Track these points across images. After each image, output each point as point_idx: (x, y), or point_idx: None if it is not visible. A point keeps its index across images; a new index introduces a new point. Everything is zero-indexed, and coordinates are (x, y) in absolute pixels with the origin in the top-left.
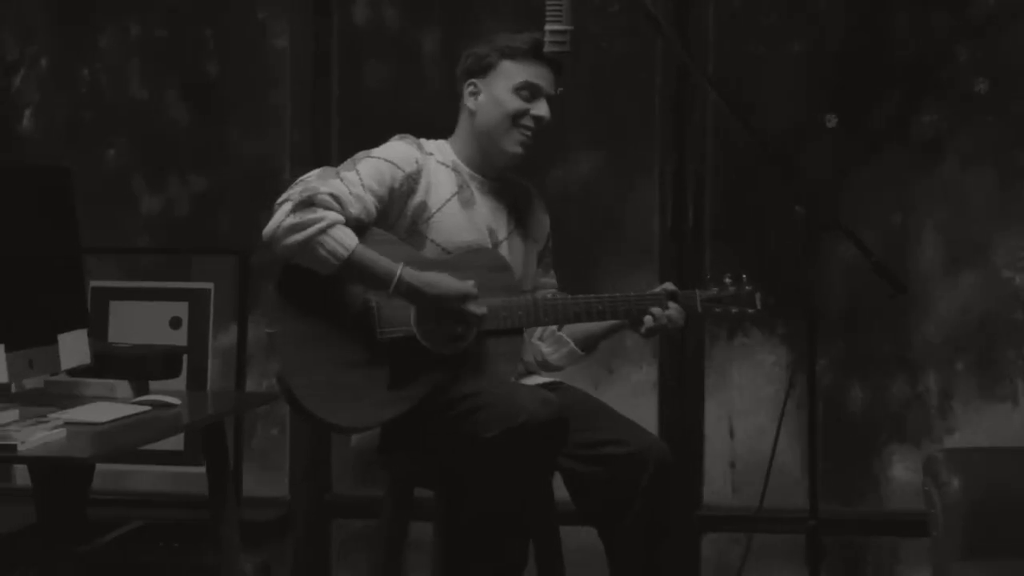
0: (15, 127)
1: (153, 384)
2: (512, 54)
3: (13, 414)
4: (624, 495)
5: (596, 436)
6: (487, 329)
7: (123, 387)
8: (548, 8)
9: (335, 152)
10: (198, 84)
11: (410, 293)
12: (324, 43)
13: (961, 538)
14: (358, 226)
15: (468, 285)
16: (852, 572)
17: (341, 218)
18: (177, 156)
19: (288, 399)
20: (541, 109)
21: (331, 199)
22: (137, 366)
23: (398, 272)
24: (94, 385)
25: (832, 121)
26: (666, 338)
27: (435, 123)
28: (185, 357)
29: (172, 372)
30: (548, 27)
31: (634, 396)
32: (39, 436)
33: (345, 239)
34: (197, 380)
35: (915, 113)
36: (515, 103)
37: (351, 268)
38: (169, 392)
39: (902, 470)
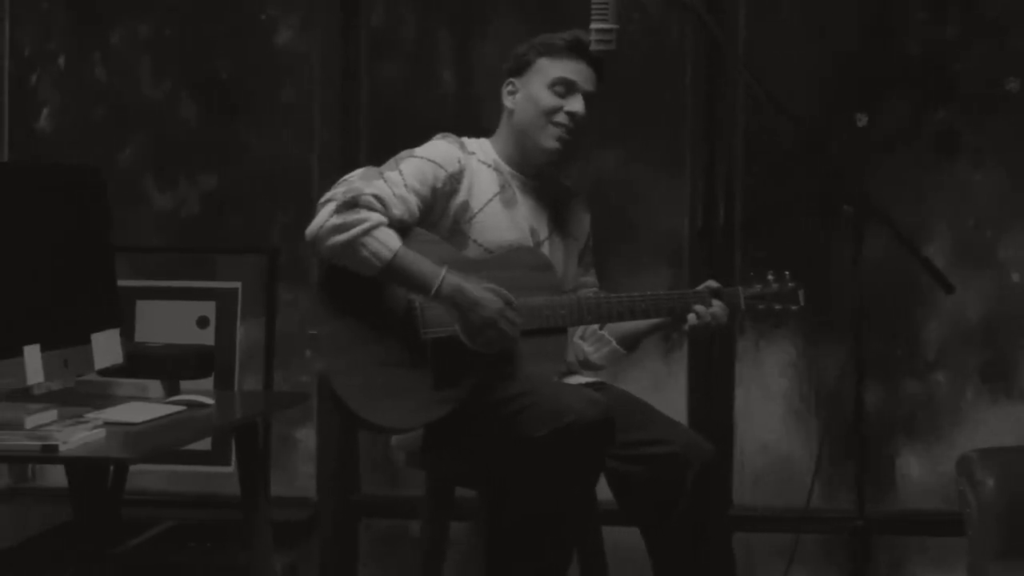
0: (32, 125)
1: (182, 384)
2: (549, 51)
3: (52, 414)
4: (669, 495)
5: (640, 436)
6: (531, 329)
7: (155, 387)
8: (594, 7)
9: (364, 151)
10: (214, 83)
11: (451, 299)
12: (353, 44)
13: (996, 538)
14: (401, 227)
15: (505, 306)
16: (863, 572)
17: (385, 219)
18: (192, 155)
19: (332, 400)
20: (575, 105)
21: (375, 200)
22: (169, 365)
23: (441, 276)
24: (126, 385)
25: (862, 120)
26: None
27: (442, 123)
28: None
29: (204, 372)
30: (593, 25)
31: (659, 393)
32: (79, 436)
33: (389, 241)
34: (225, 379)
35: (928, 112)
36: (549, 99)
37: (393, 271)
38: (197, 392)
39: (914, 470)
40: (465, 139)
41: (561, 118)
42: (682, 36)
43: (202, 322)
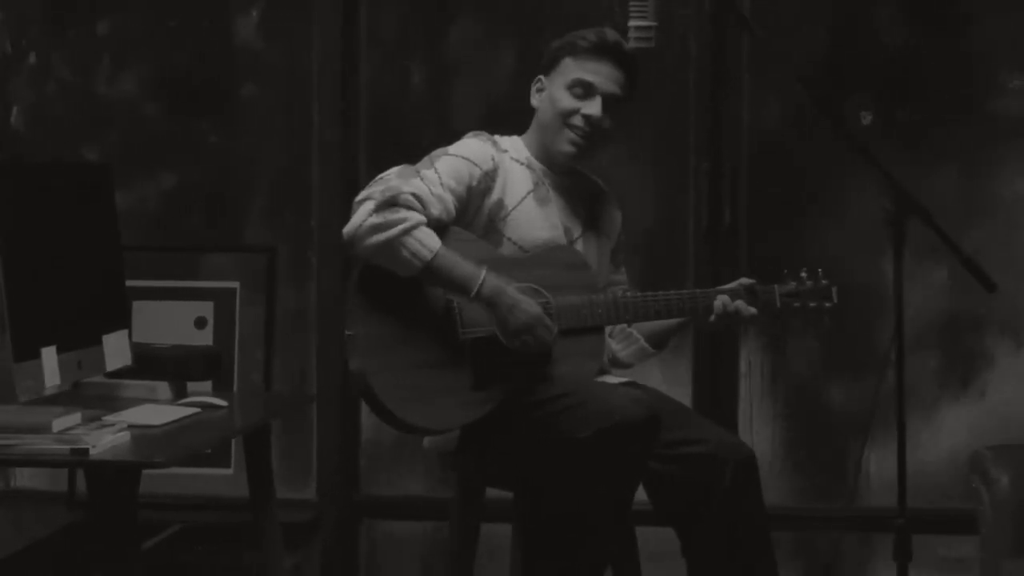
0: (5, 123)
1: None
2: (573, 51)
3: (75, 417)
4: (703, 495)
5: (676, 435)
6: (569, 328)
7: (163, 388)
8: (632, 3)
9: (363, 150)
10: (202, 81)
11: (490, 301)
12: (352, 44)
13: (1011, 535)
14: (438, 226)
15: (542, 312)
16: (827, 570)
17: (424, 219)
18: (176, 154)
19: (368, 400)
20: (592, 108)
21: (413, 199)
22: (178, 367)
23: (480, 278)
24: (134, 386)
25: (867, 118)
26: (700, 334)
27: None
28: None
29: (212, 372)
30: (632, 23)
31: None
32: (107, 440)
33: (428, 241)
34: (224, 380)
35: (893, 110)
36: (567, 101)
37: (433, 271)
38: (197, 393)
39: (875, 467)
40: (497, 137)
41: (576, 121)
42: (686, 35)
43: (200, 322)
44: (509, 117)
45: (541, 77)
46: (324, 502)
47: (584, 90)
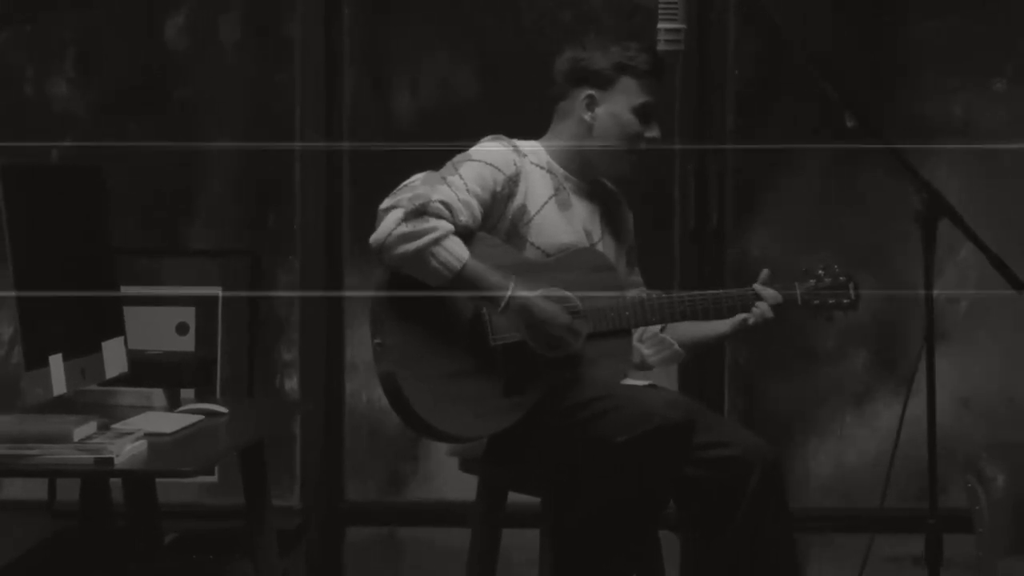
0: None
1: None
2: (633, 72)
3: (91, 426)
4: (730, 498)
5: (705, 438)
6: (596, 331)
7: (159, 396)
8: (661, 6)
9: (346, 156)
10: (166, 86)
11: (518, 313)
12: (336, 43)
13: (1008, 534)
14: (466, 232)
15: (572, 320)
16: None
17: (452, 228)
18: (143, 156)
19: (399, 407)
20: (655, 131)
21: (442, 207)
22: (173, 374)
23: (508, 291)
24: (130, 394)
25: (851, 121)
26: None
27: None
28: None
29: (206, 379)
30: (662, 25)
31: None
32: (128, 448)
33: (458, 251)
34: (208, 387)
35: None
36: (635, 125)
37: (462, 281)
38: (185, 400)
39: (812, 467)
40: (517, 140)
41: (643, 144)
42: None
43: (181, 328)
44: (491, 123)
45: (593, 93)
46: (309, 509)
47: (648, 113)
